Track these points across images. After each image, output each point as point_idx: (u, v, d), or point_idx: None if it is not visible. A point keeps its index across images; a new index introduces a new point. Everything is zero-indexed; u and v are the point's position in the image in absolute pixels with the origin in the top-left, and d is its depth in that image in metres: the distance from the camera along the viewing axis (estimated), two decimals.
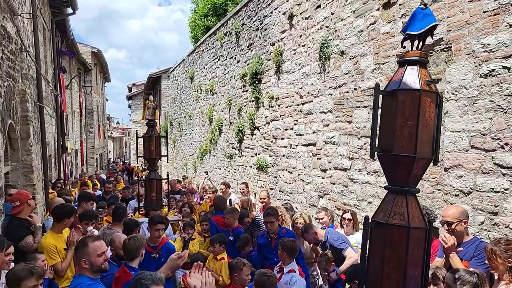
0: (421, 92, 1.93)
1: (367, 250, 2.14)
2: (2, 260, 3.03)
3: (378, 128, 2.11)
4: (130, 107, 40.35)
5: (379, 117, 2.10)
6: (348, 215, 4.80)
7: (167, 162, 11.57)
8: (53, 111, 9.90)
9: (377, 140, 2.11)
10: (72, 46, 13.87)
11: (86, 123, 20.43)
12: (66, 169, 12.30)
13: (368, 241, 2.14)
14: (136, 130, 7.85)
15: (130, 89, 40.18)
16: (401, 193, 2.02)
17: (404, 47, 2.32)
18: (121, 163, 32.56)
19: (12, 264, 3.33)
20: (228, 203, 6.94)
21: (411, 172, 1.98)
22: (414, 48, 2.10)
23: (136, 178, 17.85)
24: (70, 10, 10.20)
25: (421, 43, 2.10)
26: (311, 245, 4.84)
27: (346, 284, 4.11)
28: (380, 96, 2.08)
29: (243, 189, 7.76)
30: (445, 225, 3.43)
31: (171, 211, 7.15)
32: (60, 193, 6.67)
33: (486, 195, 3.88)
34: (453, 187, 4.25)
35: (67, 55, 12.92)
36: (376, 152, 2.07)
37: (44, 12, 8.66)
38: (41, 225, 4.50)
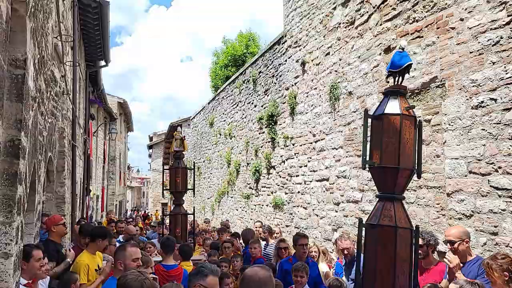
0: (401, 116, 2.36)
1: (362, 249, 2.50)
2: (33, 268, 3.17)
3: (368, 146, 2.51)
4: (150, 156, 41.46)
5: (369, 137, 2.52)
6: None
7: (193, 196, 11.64)
8: (82, 153, 10.60)
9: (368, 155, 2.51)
10: (101, 96, 14.93)
11: (108, 169, 21.21)
12: (88, 212, 12.76)
13: (363, 241, 2.49)
14: (163, 162, 7.45)
15: (151, 139, 41.48)
16: (389, 199, 2.38)
17: (388, 82, 2.81)
18: (142, 212, 32.86)
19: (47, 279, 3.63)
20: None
21: (396, 181, 2.36)
22: (396, 82, 2.56)
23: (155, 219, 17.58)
24: (103, 63, 11.26)
25: (401, 78, 2.54)
26: (325, 272, 5.06)
27: None
28: (369, 120, 2.53)
29: (259, 227, 8.00)
30: (448, 244, 3.67)
31: (197, 250, 6.77)
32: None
33: (486, 216, 4.14)
34: (456, 211, 4.52)
35: (97, 103, 13.90)
36: (367, 165, 2.47)
37: (80, 63, 9.62)
38: (70, 261, 4.38)
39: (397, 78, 2.52)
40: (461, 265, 3.50)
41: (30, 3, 2.43)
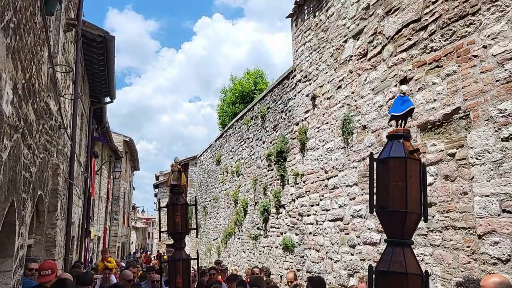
0: (406, 159, 2.33)
1: None
2: None
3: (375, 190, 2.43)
4: (156, 195, 40.94)
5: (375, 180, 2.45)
6: None
7: (197, 236, 10.76)
8: (81, 192, 10.20)
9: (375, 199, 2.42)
10: (106, 134, 14.74)
11: (111, 209, 20.69)
12: (87, 255, 12.14)
13: None
14: (159, 199, 6.10)
15: (157, 178, 41.15)
16: (398, 244, 2.32)
17: (391, 125, 2.69)
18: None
19: None
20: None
21: (405, 226, 2.29)
22: (399, 125, 2.58)
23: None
24: (108, 99, 11.10)
25: (403, 122, 2.58)
26: None
27: None
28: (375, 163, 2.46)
29: (256, 273, 7.33)
30: None
31: None
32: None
33: None
34: (490, 255, 4.00)
35: (101, 140, 13.67)
36: (375, 209, 2.39)
37: (84, 100, 9.45)
38: None
39: (400, 122, 2.59)
40: None
41: (4, 16, 2.14)
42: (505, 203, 3.87)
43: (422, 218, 2.39)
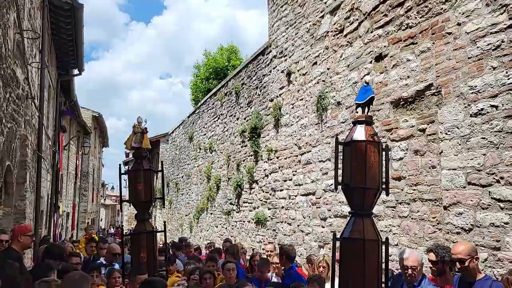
0: (366, 143, 2.70)
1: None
2: None
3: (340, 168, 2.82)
4: (126, 172, 40.22)
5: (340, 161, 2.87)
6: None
7: (163, 207, 10.58)
8: (50, 167, 9.91)
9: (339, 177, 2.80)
10: (74, 108, 14.23)
11: (80, 186, 20.21)
12: (57, 230, 11.93)
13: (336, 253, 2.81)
14: (120, 164, 4.90)
15: (127, 155, 40.38)
16: (359, 215, 2.69)
17: (357, 112, 3.15)
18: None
19: None
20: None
21: (364, 199, 2.66)
22: (363, 112, 2.91)
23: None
24: (76, 72, 10.69)
25: (366, 108, 2.88)
26: None
27: None
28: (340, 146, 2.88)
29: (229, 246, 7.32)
30: (457, 263, 3.28)
31: (173, 276, 5.24)
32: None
33: (487, 230, 3.86)
34: (454, 225, 4.22)
35: (69, 114, 13.23)
36: (339, 186, 2.78)
37: (51, 71, 9.07)
38: None
39: (363, 109, 2.87)
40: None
41: None
42: (470, 176, 4.07)
43: (384, 192, 2.76)
